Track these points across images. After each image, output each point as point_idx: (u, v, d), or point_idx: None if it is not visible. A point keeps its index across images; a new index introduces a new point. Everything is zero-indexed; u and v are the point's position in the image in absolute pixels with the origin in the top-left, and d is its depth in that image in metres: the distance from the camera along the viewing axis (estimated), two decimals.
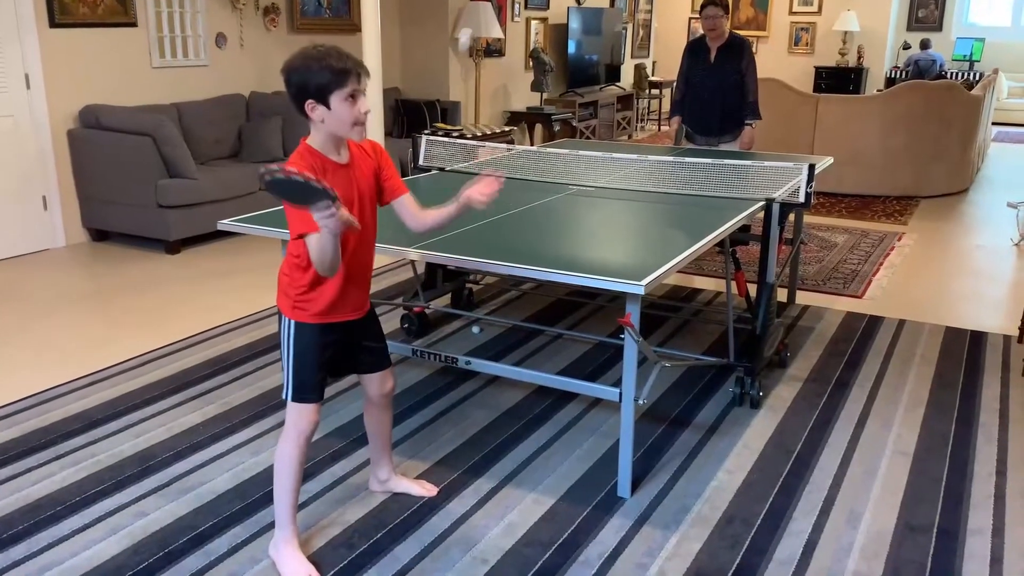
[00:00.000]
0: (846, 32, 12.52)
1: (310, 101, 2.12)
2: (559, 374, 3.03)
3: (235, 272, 5.11)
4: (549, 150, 4.49)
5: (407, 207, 2.43)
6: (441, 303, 4.50)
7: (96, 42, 5.68)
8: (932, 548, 2.49)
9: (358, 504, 2.69)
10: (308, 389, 2.31)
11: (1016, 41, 13.03)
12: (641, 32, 12.41)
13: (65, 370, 3.70)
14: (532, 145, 6.64)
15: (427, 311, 4.21)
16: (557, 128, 8.97)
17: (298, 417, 2.32)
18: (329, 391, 3.51)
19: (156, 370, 3.70)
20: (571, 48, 9.83)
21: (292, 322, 2.29)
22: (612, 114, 10.61)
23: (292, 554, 2.36)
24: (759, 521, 2.61)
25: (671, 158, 3.99)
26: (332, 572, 2.36)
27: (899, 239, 6.09)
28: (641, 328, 2.56)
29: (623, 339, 2.58)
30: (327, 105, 2.12)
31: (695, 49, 5.17)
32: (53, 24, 5.42)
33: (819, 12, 12.78)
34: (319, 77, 2.10)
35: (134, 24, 5.89)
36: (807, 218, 6.58)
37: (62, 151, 5.62)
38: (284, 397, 2.32)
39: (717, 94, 5.07)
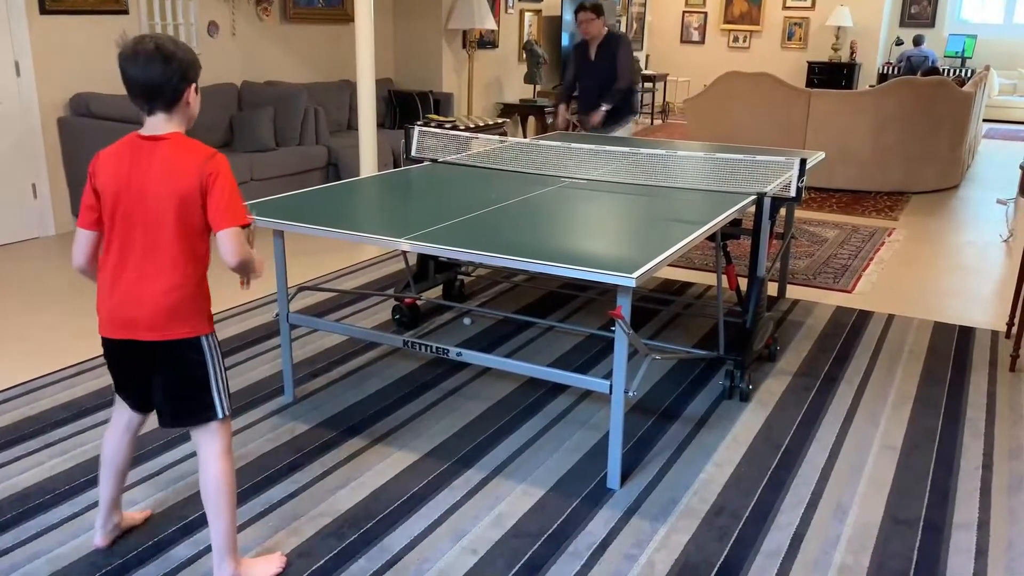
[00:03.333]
0: (839, 27, 12.53)
1: (195, 85, 2.04)
2: (550, 366, 3.04)
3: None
4: (542, 142, 4.49)
5: None
6: (433, 295, 4.50)
7: (87, 29, 5.65)
8: (918, 541, 2.51)
9: (348, 494, 2.69)
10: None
11: (1008, 38, 13.07)
12: (635, 25, 12.40)
13: (54, 359, 3.68)
14: (525, 137, 6.64)
15: (418, 302, 4.21)
16: (550, 120, 8.97)
17: (229, 428, 2.21)
18: (317, 383, 3.51)
19: None
20: (565, 40, 9.82)
21: (211, 336, 2.13)
22: None
23: (256, 560, 2.31)
24: (747, 513, 2.63)
25: (663, 151, 4.00)
26: (322, 562, 2.36)
27: (889, 234, 6.11)
28: (632, 321, 2.57)
29: (614, 332, 2.59)
30: (197, 92, 2.07)
31: (580, 48, 5.71)
32: (43, 11, 5.39)
33: (812, 7, 12.79)
34: (197, 59, 2.06)
35: (125, 12, 5.85)
36: (798, 213, 6.60)
37: (52, 139, 5.59)
38: (221, 416, 2.15)
39: (598, 87, 5.59)
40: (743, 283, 3.91)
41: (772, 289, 4.63)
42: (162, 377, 2.13)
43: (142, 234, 2.02)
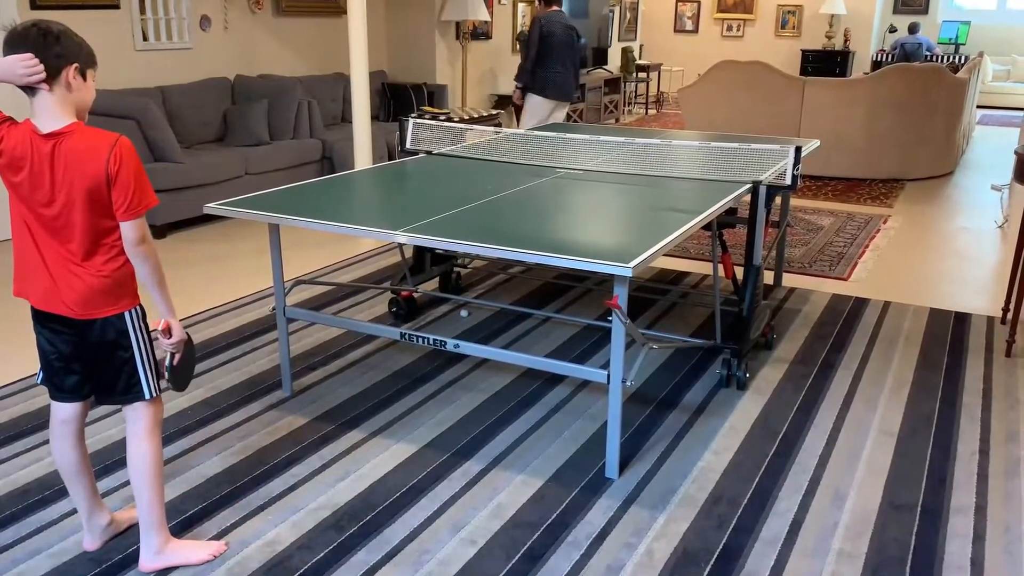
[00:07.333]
0: (833, 15, 12.52)
1: (76, 66, 2.01)
2: (547, 357, 3.04)
3: (221, 257, 5.08)
4: (536, 133, 4.48)
5: None
6: (429, 287, 4.50)
7: (79, 24, 5.59)
8: (916, 527, 2.52)
9: (347, 487, 2.69)
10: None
11: (1001, 24, 13.08)
12: (628, 15, 12.38)
13: None
14: (519, 128, 6.64)
15: (415, 295, 4.21)
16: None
17: (160, 407, 2.26)
18: (315, 376, 3.51)
19: None
20: None
21: (138, 308, 2.19)
22: (599, 97, 10.59)
23: (187, 542, 2.35)
24: (745, 501, 2.64)
25: (658, 141, 4.00)
26: (322, 554, 2.37)
27: (884, 222, 6.12)
28: (629, 311, 2.57)
29: (611, 322, 2.59)
30: (84, 78, 2.05)
31: None
32: (34, 6, 5.36)
33: None
34: (87, 48, 2.05)
35: (116, 6, 5.83)
36: (793, 201, 6.61)
37: None
38: (149, 397, 2.20)
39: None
40: (739, 272, 3.91)
41: (768, 277, 4.64)
42: (89, 355, 2.17)
43: (60, 223, 2.08)
